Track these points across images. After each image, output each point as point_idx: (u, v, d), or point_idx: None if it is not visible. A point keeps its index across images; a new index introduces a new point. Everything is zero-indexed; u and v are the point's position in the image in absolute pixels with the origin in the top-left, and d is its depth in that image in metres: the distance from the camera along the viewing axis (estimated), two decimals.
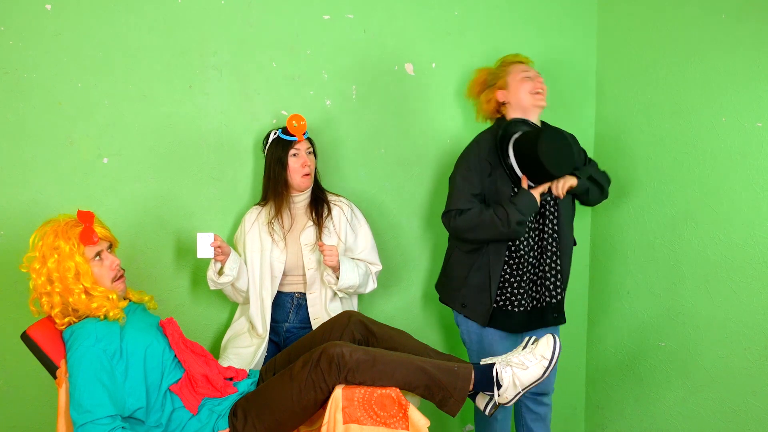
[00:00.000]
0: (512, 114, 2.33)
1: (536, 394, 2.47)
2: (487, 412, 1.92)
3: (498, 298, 2.31)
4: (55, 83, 2.29)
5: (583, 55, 2.85)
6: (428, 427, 1.77)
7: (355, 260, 2.40)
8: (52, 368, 1.89)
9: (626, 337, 2.73)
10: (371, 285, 2.44)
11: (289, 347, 2.09)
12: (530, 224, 2.28)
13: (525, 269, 2.28)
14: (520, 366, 1.85)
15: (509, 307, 2.31)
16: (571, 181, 2.24)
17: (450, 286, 2.41)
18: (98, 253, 1.89)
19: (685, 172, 2.43)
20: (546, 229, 2.30)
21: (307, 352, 1.95)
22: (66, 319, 1.86)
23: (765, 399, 2.22)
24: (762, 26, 2.15)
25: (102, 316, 1.86)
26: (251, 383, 2.02)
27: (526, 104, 2.29)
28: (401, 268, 2.77)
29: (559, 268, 2.31)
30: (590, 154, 2.86)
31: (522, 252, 2.27)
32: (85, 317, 1.86)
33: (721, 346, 2.34)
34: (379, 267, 2.48)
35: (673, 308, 2.50)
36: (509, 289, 2.30)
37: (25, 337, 1.90)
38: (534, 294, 2.32)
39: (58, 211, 2.14)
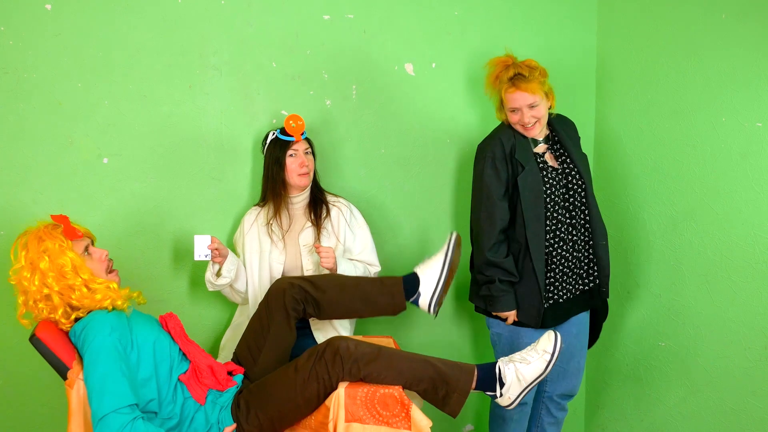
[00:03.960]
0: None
1: (561, 396, 2.45)
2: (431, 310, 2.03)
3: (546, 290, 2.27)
4: (55, 83, 2.29)
5: (583, 55, 2.85)
6: (430, 428, 1.77)
7: (353, 261, 2.39)
8: (62, 369, 1.82)
9: (626, 337, 2.73)
10: None
11: (245, 331, 2.11)
12: (560, 217, 2.25)
13: (564, 256, 2.27)
14: (523, 361, 1.84)
15: (556, 297, 2.28)
16: None
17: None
18: (86, 248, 1.90)
19: (685, 172, 2.43)
20: (578, 219, 2.29)
21: (260, 331, 2.00)
22: (72, 317, 1.84)
23: (765, 399, 2.22)
24: (762, 26, 2.15)
25: (110, 307, 1.84)
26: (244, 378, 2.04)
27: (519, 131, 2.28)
28: (401, 268, 2.76)
29: (592, 257, 2.32)
30: (590, 154, 2.86)
31: (562, 237, 2.26)
32: (91, 311, 1.84)
33: (721, 346, 2.35)
34: (378, 268, 2.48)
35: (673, 308, 2.50)
36: (552, 279, 2.27)
37: (35, 340, 1.81)
38: (573, 281, 2.31)
39: (58, 211, 2.13)
